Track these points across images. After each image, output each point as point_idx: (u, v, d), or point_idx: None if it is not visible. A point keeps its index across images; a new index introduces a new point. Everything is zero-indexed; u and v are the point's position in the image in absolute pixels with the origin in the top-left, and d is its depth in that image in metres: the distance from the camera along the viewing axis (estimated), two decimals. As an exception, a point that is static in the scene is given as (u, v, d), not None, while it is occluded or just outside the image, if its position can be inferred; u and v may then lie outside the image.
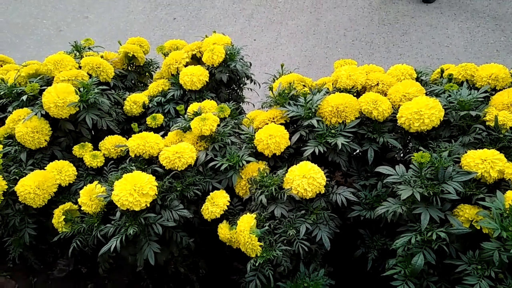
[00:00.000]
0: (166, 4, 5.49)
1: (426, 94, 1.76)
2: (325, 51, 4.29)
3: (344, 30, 4.57)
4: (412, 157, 1.41)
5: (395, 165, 1.52)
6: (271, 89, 1.89)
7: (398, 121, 1.63)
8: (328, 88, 1.93)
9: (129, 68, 2.50)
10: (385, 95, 1.80)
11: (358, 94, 1.84)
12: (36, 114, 1.82)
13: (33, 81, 2.00)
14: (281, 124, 1.80)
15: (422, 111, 1.56)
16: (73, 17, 5.42)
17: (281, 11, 5.01)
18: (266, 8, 5.10)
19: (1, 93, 2.00)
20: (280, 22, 4.80)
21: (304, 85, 1.98)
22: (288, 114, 1.76)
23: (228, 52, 2.18)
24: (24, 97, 1.91)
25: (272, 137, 1.68)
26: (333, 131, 1.65)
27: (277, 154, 1.72)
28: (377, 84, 1.87)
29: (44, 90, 1.88)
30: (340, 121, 1.69)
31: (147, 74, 2.59)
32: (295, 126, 1.90)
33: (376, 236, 1.60)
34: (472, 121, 1.63)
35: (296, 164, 1.60)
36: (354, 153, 1.80)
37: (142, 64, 2.49)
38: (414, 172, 1.44)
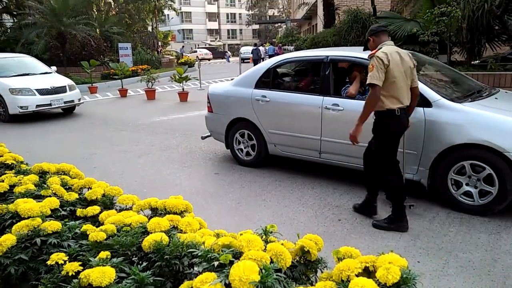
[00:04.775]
0: (334, 205, 5.94)
1: None
2: (503, 297, 3.78)
3: (528, 283, 4.02)
4: None
5: None
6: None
7: None
8: None
9: (300, 260, 2.69)
10: None
11: None
12: (221, 282, 2.07)
13: (225, 251, 2.34)
14: None
15: None
16: (252, 197, 6.31)
17: (451, 240, 4.80)
18: (435, 233, 4.98)
19: (199, 254, 2.38)
20: (450, 252, 4.56)
21: None
22: None
23: (404, 276, 2.17)
24: (216, 263, 2.23)
25: None
26: None
27: None
28: None
29: (232, 261, 2.18)
30: None
31: (313, 270, 2.72)
32: None
33: None
34: None
35: None
36: None
37: (312, 260, 2.67)
38: None
